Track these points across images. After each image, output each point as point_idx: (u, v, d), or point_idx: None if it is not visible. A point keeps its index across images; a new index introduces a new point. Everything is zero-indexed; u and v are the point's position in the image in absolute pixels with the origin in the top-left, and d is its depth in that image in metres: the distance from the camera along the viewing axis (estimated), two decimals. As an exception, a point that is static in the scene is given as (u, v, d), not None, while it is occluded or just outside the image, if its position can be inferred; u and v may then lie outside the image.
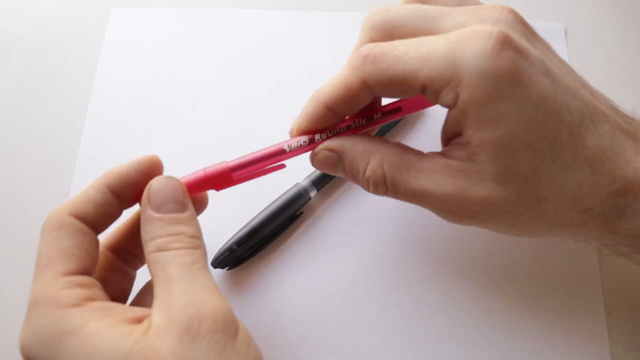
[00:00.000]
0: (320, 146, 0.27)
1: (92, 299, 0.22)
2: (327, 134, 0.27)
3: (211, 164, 0.28)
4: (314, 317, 0.31)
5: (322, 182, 0.34)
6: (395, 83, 0.24)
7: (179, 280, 0.22)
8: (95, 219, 0.24)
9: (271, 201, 0.33)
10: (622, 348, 0.31)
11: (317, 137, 0.28)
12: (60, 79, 0.39)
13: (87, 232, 0.24)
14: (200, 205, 0.29)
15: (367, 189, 0.27)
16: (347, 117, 0.28)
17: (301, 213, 0.34)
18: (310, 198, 0.34)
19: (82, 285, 0.22)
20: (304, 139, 0.27)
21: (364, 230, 0.34)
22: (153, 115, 0.38)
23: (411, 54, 0.24)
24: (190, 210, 0.25)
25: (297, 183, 0.34)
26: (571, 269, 0.33)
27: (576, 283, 0.32)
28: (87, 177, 0.35)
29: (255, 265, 0.33)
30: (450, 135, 0.25)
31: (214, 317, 0.21)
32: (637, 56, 0.40)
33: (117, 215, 0.26)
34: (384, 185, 0.26)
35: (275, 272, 0.33)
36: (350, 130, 0.28)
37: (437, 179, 0.25)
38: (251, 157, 0.28)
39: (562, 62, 0.26)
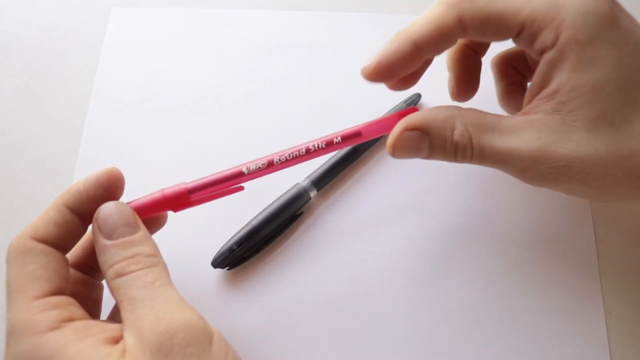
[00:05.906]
0: (398, 128, 0.26)
1: (69, 319, 0.22)
2: (286, 157, 0.27)
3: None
4: (313, 317, 0.31)
5: (322, 182, 0.34)
6: (493, 22, 0.24)
7: (142, 301, 0.22)
8: (58, 240, 0.24)
9: (271, 201, 0.33)
10: (622, 348, 0.31)
11: (275, 159, 0.27)
12: (60, 79, 0.39)
13: (51, 252, 0.23)
14: (157, 223, 0.28)
15: (454, 156, 0.26)
16: (312, 143, 0.27)
17: (301, 213, 0.34)
18: (310, 198, 0.34)
19: (57, 307, 0.22)
20: (263, 161, 0.27)
21: (364, 230, 0.34)
22: (153, 115, 0.38)
23: None
24: (143, 230, 0.24)
25: (297, 183, 0.34)
26: (571, 269, 0.33)
27: (576, 283, 0.32)
28: (87, 177, 0.35)
29: (255, 265, 0.33)
30: (538, 88, 0.25)
31: (184, 330, 0.21)
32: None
33: (82, 232, 0.25)
34: (470, 149, 0.25)
35: (275, 272, 0.33)
36: (309, 154, 0.27)
37: (521, 136, 0.24)
38: (209, 179, 0.27)
39: None
